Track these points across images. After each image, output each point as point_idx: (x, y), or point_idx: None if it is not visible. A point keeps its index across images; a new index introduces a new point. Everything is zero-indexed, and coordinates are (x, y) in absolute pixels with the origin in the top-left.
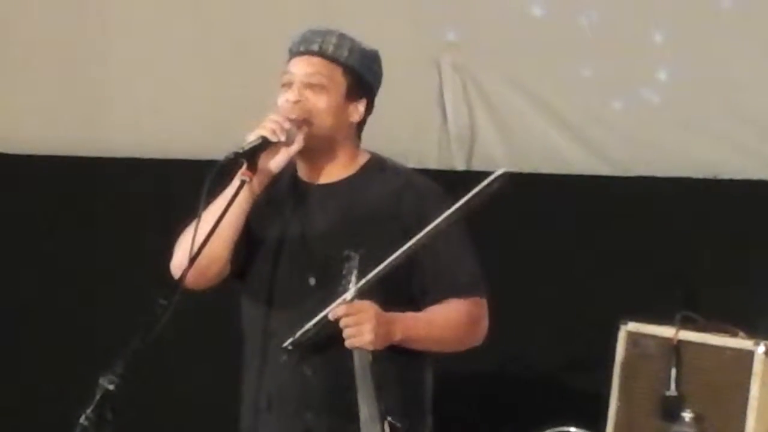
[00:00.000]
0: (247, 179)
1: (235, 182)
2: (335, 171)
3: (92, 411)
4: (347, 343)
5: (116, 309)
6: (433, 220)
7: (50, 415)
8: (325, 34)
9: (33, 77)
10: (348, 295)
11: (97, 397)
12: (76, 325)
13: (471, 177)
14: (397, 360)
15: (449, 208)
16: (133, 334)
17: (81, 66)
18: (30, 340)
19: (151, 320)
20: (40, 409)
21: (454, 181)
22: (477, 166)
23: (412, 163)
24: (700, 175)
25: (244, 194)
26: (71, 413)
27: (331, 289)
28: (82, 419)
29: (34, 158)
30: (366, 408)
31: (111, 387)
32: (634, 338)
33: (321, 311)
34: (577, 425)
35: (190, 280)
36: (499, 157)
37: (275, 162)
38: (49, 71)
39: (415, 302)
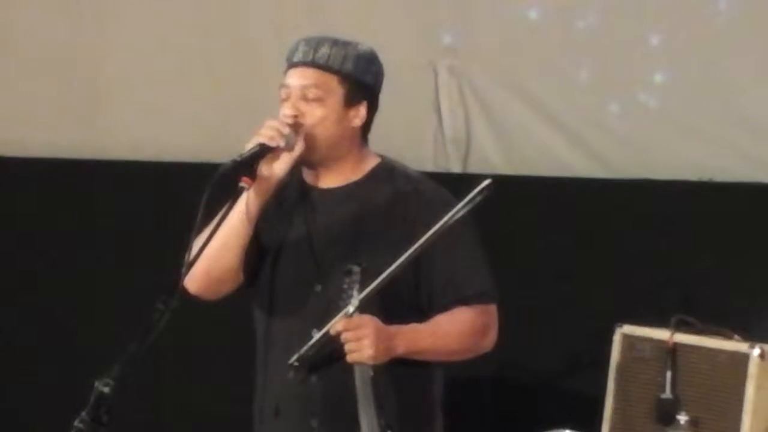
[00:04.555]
0: (246, 187)
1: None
2: (342, 175)
3: (87, 413)
4: (348, 358)
5: (114, 312)
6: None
7: (47, 417)
8: (318, 42)
9: (30, 80)
10: (349, 310)
11: (92, 399)
12: (73, 327)
13: (467, 180)
14: (399, 371)
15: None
16: (131, 337)
17: (78, 69)
18: (26, 343)
19: (148, 325)
20: (37, 412)
21: (449, 184)
22: (473, 169)
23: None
24: (696, 178)
25: (245, 202)
26: (67, 416)
27: (336, 296)
28: (77, 422)
29: (32, 161)
30: (366, 423)
31: (106, 390)
32: (629, 341)
33: (327, 318)
34: (573, 428)
35: (205, 292)
36: (495, 160)
37: (278, 167)
38: (46, 74)
39: (425, 312)
